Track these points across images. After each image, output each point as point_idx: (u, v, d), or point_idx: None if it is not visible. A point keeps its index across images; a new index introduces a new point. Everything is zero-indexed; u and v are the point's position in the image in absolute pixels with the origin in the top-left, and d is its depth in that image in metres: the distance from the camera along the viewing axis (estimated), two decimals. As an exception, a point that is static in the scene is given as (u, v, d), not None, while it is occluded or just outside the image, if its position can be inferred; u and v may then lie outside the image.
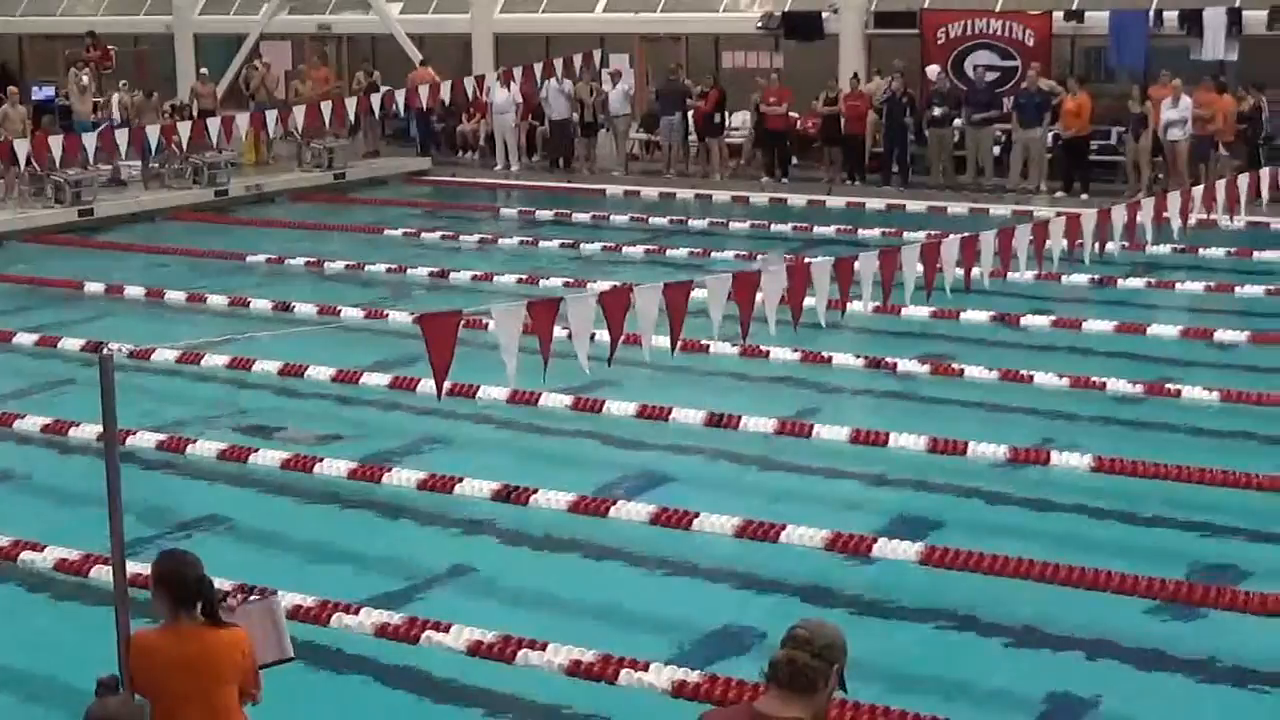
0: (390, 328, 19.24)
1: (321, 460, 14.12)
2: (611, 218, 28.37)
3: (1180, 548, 12.18)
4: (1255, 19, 29.30)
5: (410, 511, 13.30)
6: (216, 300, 21.33)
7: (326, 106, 30.28)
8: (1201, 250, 22.98)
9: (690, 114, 32.40)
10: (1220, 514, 12.73)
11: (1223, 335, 18.36)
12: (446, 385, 10.89)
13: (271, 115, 29.94)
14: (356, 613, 10.80)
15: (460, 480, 13.46)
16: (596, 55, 34.25)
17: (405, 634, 10.53)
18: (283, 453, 14.37)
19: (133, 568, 10.87)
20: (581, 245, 25.47)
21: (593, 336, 11.30)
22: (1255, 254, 23.35)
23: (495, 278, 22.23)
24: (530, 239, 26.43)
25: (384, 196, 31.84)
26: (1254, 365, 17.36)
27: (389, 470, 13.86)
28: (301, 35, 39.55)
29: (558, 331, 11.37)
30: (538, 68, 33.09)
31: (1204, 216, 18.34)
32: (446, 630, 10.46)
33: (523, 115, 34.03)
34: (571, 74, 33.28)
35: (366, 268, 23.63)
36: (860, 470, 14.10)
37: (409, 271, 23.20)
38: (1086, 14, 30.81)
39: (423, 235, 26.78)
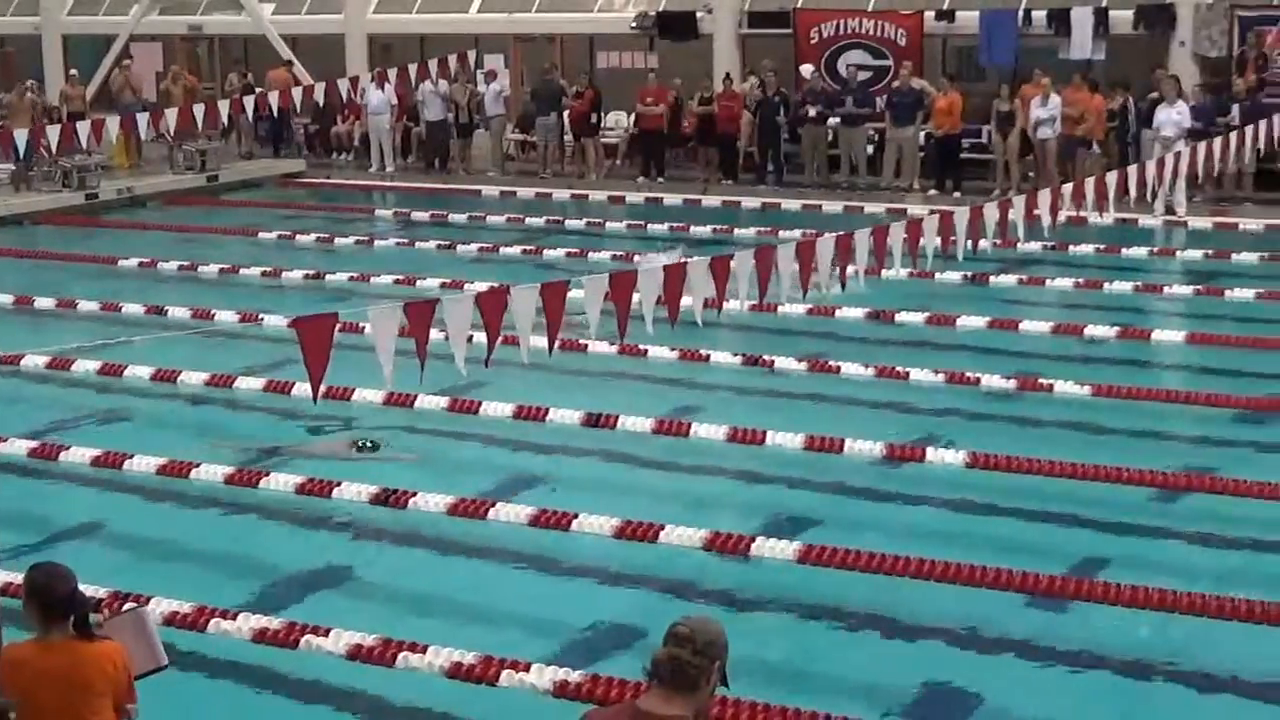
0: (265, 331, 19.10)
1: (198, 465, 13.99)
2: (488, 218, 28.31)
3: (1053, 542, 12.32)
4: (1122, 19, 29.74)
5: (288, 516, 13.20)
6: (87, 305, 21.07)
7: (199, 108, 30.02)
8: (1072, 247, 23.29)
9: (566, 114, 32.41)
10: (1092, 508, 12.89)
11: (1093, 331, 18.60)
12: (322, 388, 10.84)
13: (143, 117, 29.62)
14: (234, 618, 10.71)
15: (338, 484, 13.37)
16: (471, 56, 34.21)
17: (284, 639, 10.46)
18: (158, 458, 14.21)
19: (5, 576, 10.83)
20: (458, 246, 25.39)
21: (470, 338, 11.29)
22: (1124, 251, 23.69)
23: (371, 279, 22.11)
24: (406, 240, 26.33)
25: (258, 199, 31.57)
26: (1123, 360, 17.60)
27: (265, 475, 13.75)
28: (172, 36, 39.16)
29: (434, 333, 11.37)
30: (412, 69, 33.03)
31: (1074, 214, 18.59)
32: (326, 634, 10.40)
33: (398, 116, 33.87)
34: (446, 75, 33.20)
35: (241, 271, 23.44)
36: (738, 469, 14.15)
37: (284, 274, 23.03)
38: (957, 14, 31.13)
39: (298, 238, 26.60)
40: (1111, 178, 19.20)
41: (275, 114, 33.26)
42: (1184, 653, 10.33)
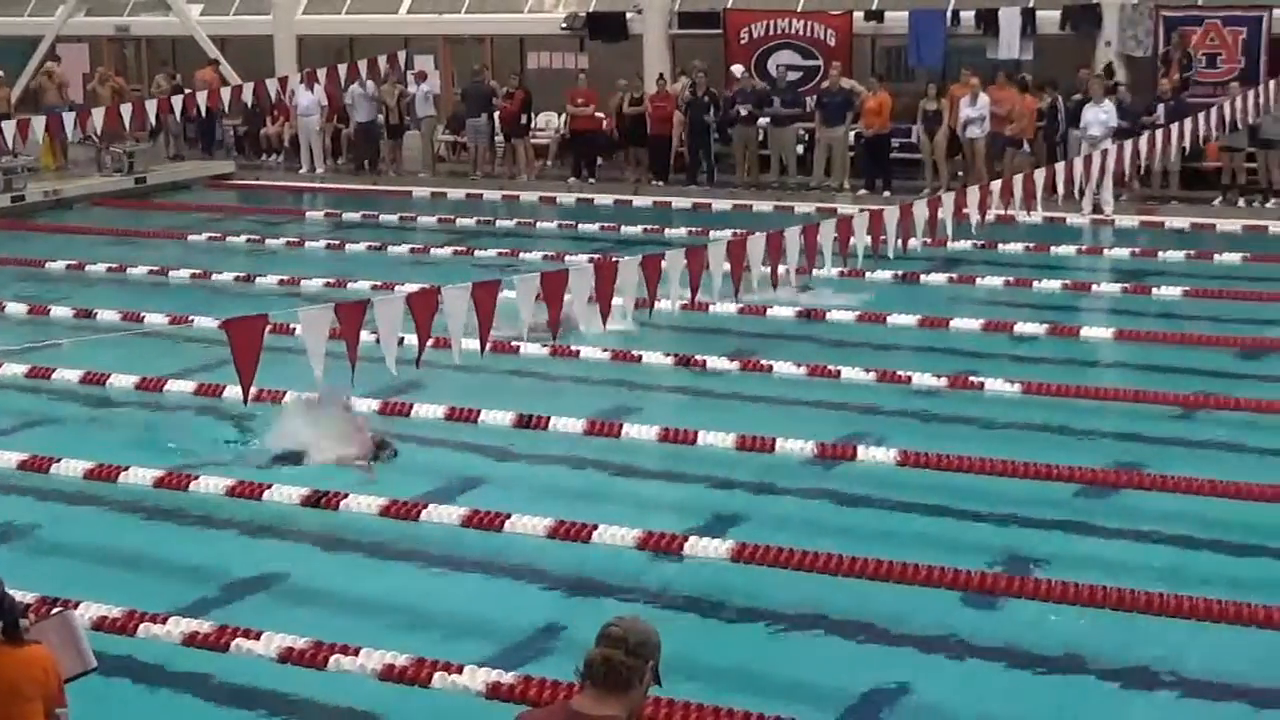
0: (195, 333, 18.98)
1: (126, 469, 13.89)
2: (419, 219, 28.26)
3: (984, 539, 12.39)
4: (1048, 19, 29.92)
5: (219, 519, 13.12)
6: (15, 308, 20.90)
7: (126, 110, 29.83)
8: (1001, 245, 23.42)
9: (496, 115, 32.36)
10: (1023, 505, 12.98)
11: (1022, 329, 18.70)
12: (253, 390, 10.80)
13: (69, 119, 29.41)
14: (164, 622, 10.64)
15: (269, 486, 13.31)
16: (401, 57, 34.11)
17: (215, 642, 10.40)
18: (85, 462, 14.11)
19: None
20: (389, 247, 25.32)
21: (401, 339, 11.26)
22: (1052, 249, 23.84)
23: (302, 281, 22.03)
24: (337, 242, 26.23)
25: (187, 201, 31.38)
26: (1053, 358, 17.71)
27: (196, 478, 13.67)
28: (99, 37, 38.88)
29: (365, 334, 11.34)
30: (342, 69, 32.91)
31: (1002, 212, 18.70)
32: (257, 638, 10.35)
33: (327, 117, 33.74)
34: (376, 76, 33.11)
35: (170, 273, 23.30)
36: (670, 468, 14.17)
37: (214, 276, 22.91)
38: (886, 14, 31.25)
39: (227, 240, 26.46)
40: (1039, 176, 19.32)
41: (204, 115, 33.08)
42: (1113, 648, 10.40)
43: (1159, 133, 22.92)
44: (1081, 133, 26.97)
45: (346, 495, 12.98)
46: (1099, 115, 26.86)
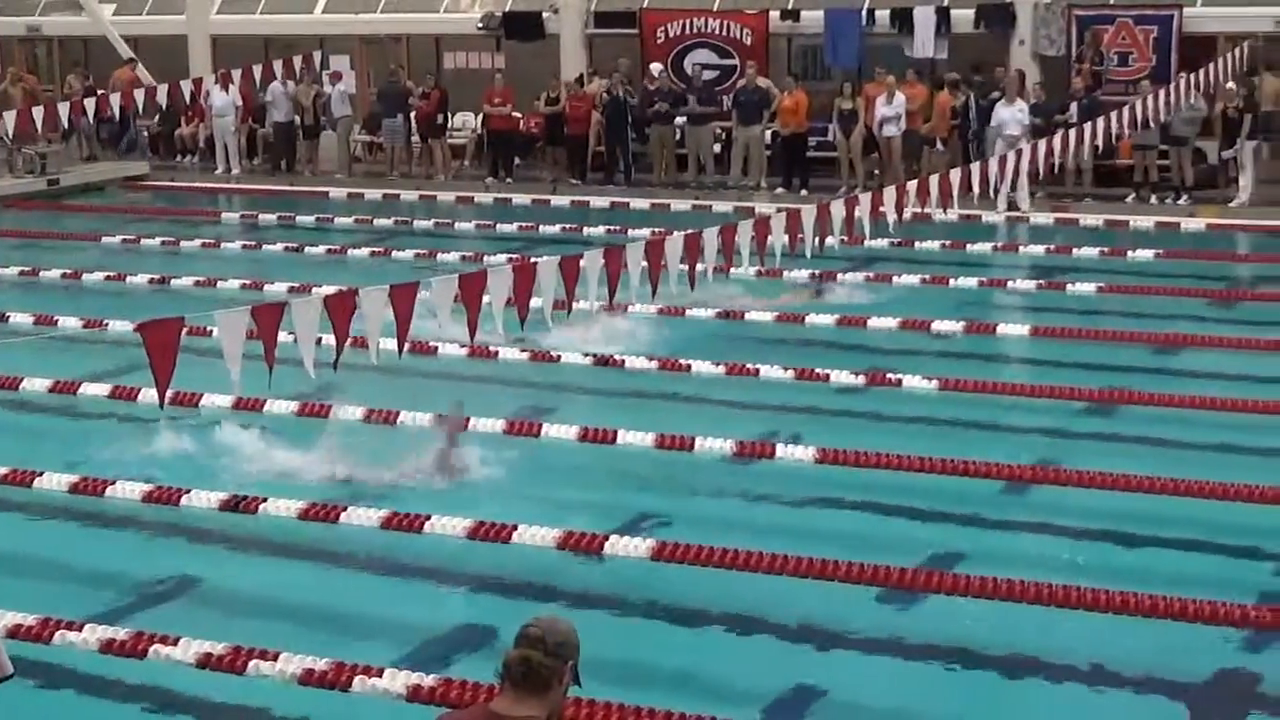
0: (110, 336, 18.82)
1: (41, 474, 13.75)
2: (335, 220, 28.15)
3: (903, 535, 12.45)
4: (963, 18, 30.14)
5: (135, 524, 13.02)
6: (-74, 312, 20.68)
7: (38, 111, 29.55)
8: (917, 243, 23.55)
9: (413, 115, 32.26)
10: (941, 501, 13.05)
11: (939, 326, 18.80)
12: (169, 393, 10.72)
13: (-21, 120, 29.13)
14: (80, 629, 10.54)
15: (187, 491, 13.20)
16: (316, 57, 33.96)
17: (132, 649, 10.30)
18: None
19: None
20: (306, 249, 25.20)
21: (319, 340, 11.21)
22: (968, 246, 24.00)
23: (218, 283, 21.88)
24: (253, 243, 26.09)
25: (101, 203, 31.12)
26: (970, 354, 17.82)
27: (112, 483, 13.54)
28: (10, 38, 38.48)
29: (283, 336, 11.28)
30: (257, 69, 32.72)
31: (919, 210, 18.80)
32: (175, 644, 10.26)
33: (242, 118, 33.53)
34: (291, 76, 32.94)
35: (84, 276, 23.09)
36: (590, 468, 14.16)
37: (128, 279, 22.71)
38: (802, 13, 31.39)
39: (142, 242, 26.25)
40: (955, 174, 19.43)
41: (118, 116, 32.82)
42: (1033, 643, 10.47)
43: (1072, 131, 23.10)
44: (996, 131, 27.16)
45: (265, 499, 12.89)
46: (1015, 114, 27.05)
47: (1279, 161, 28.29)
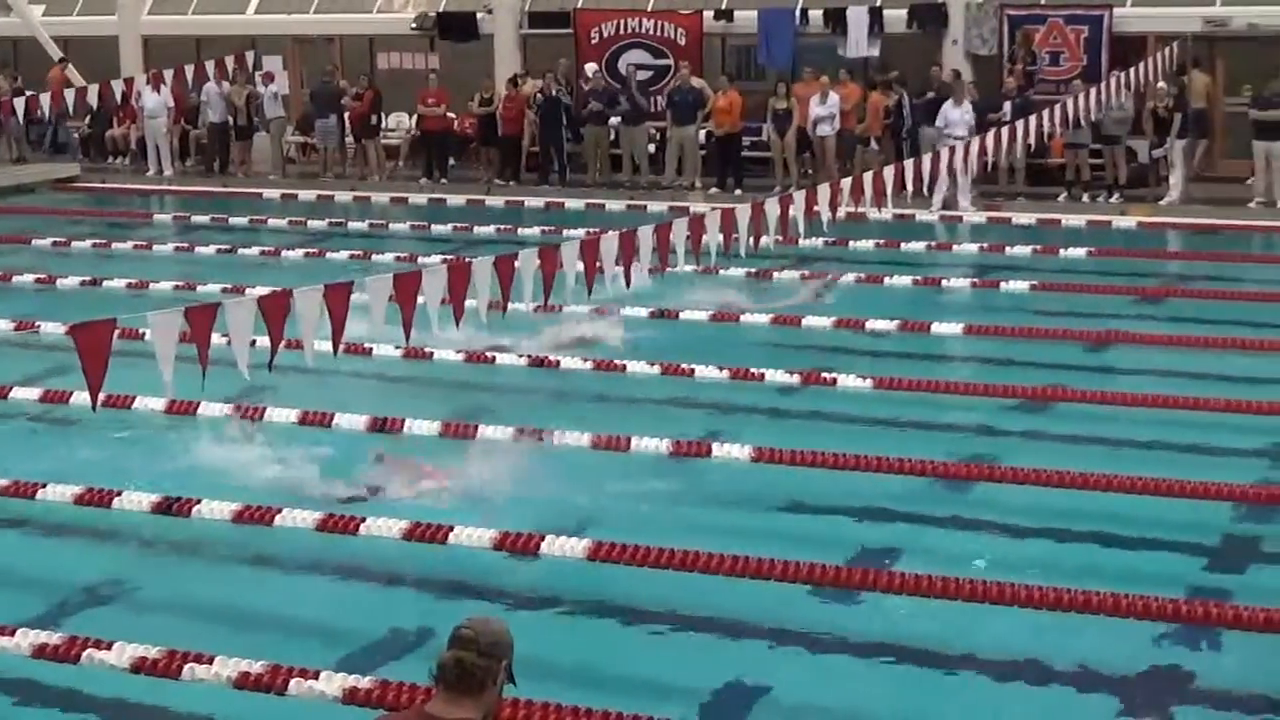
0: (41, 339, 18.69)
1: (-30, 479, 13.64)
2: (269, 221, 28.04)
3: (839, 533, 12.50)
4: (896, 18, 30.28)
5: (67, 528, 12.92)
6: None
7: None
8: (852, 242, 23.62)
9: (346, 116, 32.15)
10: (876, 499, 13.09)
11: (874, 325, 18.86)
12: (101, 396, 10.64)
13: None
14: (12, 634, 10.45)
15: (119, 494, 13.11)
16: (249, 57, 33.81)
17: (65, 654, 10.22)
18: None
19: None
20: (239, 250, 25.09)
21: (253, 342, 11.15)
22: (902, 245, 24.09)
23: (151, 285, 21.74)
24: (186, 245, 25.94)
25: (31, 204, 30.89)
26: (904, 353, 17.89)
27: (43, 486, 13.42)
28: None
29: (216, 338, 11.21)
30: (189, 70, 32.55)
31: (853, 210, 18.85)
32: (109, 648, 10.18)
33: (175, 119, 33.35)
34: (224, 76, 32.78)
35: (14, 279, 22.90)
36: (526, 468, 14.12)
37: (59, 281, 22.53)
38: (736, 13, 31.46)
39: (73, 244, 26.07)
40: (889, 173, 19.49)
41: (48, 117, 32.58)
42: (968, 639, 10.51)
43: (1005, 130, 23.22)
44: (938, 131, 27.25)
45: (199, 501, 12.81)
46: (963, 115, 27.12)
47: (1207, 159, 28.51)
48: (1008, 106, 27.52)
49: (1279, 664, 10.13)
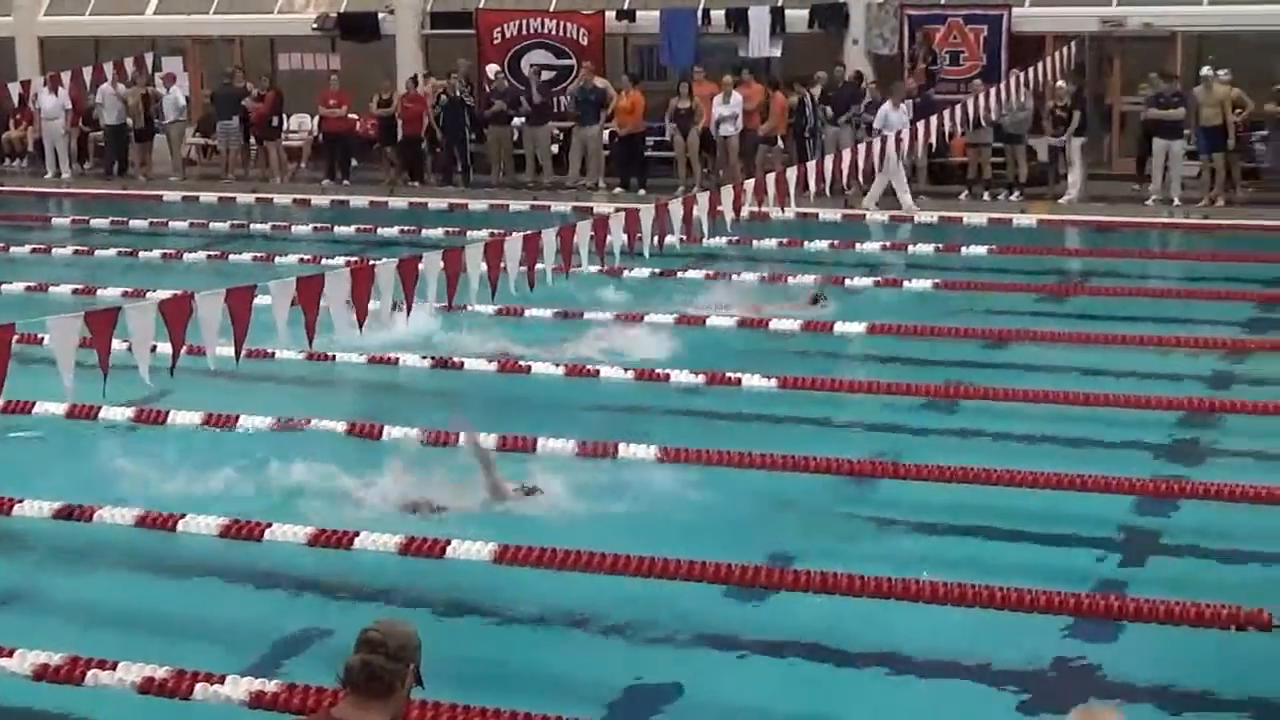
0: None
1: None
2: (170, 224, 27.82)
3: (745, 532, 12.52)
4: (797, 18, 30.43)
5: (-33, 535, 12.81)
6: None
7: None
8: (755, 242, 23.70)
9: (248, 117, 31.95)
10: (782, 497, 13.14)
11: (777, 324, 18.92)
12: (1, 401, 10.55)
13: None
14: (-88, 643, 10.35)
15: (19, 501, 12.97)
16: (149, 58, 33.53)
17: (-34, 662, 10.13)
18: None
19: None
20: (140, 253, 24.87)
21: (154, 347, 11.07)
22: (806, 244, 24.19)
23: (50, 289, 21.52)
24: (85, 248, 25.69)
25: (-75, 209, 30.54)
26: (807, 351, 17.96)
27: (-59, 493, 13.28)
28: None
29: (117, 343, 11.12)
30: (87, 71, 32.24)
31: (756, 209, 18.92)
32: (10, 655, 10.08)
33: (73, 121, 33.03)
34: (123, 78, 32.50)
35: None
36: (432, 470, 14.08)
37: (-45, 286, 22.29)
38: (638, 13, 31.51)
39: (-31, 248, 25.80)
40: (791, 173, 19.58)
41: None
42: (874, 636, 10.58)
43: (906, 130, 23.37)
44: (877, 132, 27.29)
45: (100, 508, 12.70)
46: (901, 117, 27.17)
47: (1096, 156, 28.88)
48: (908, 106, 27.71)
49: (1179, 655, 10.26)
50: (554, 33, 31.87)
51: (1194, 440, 14.83)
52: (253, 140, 32.34)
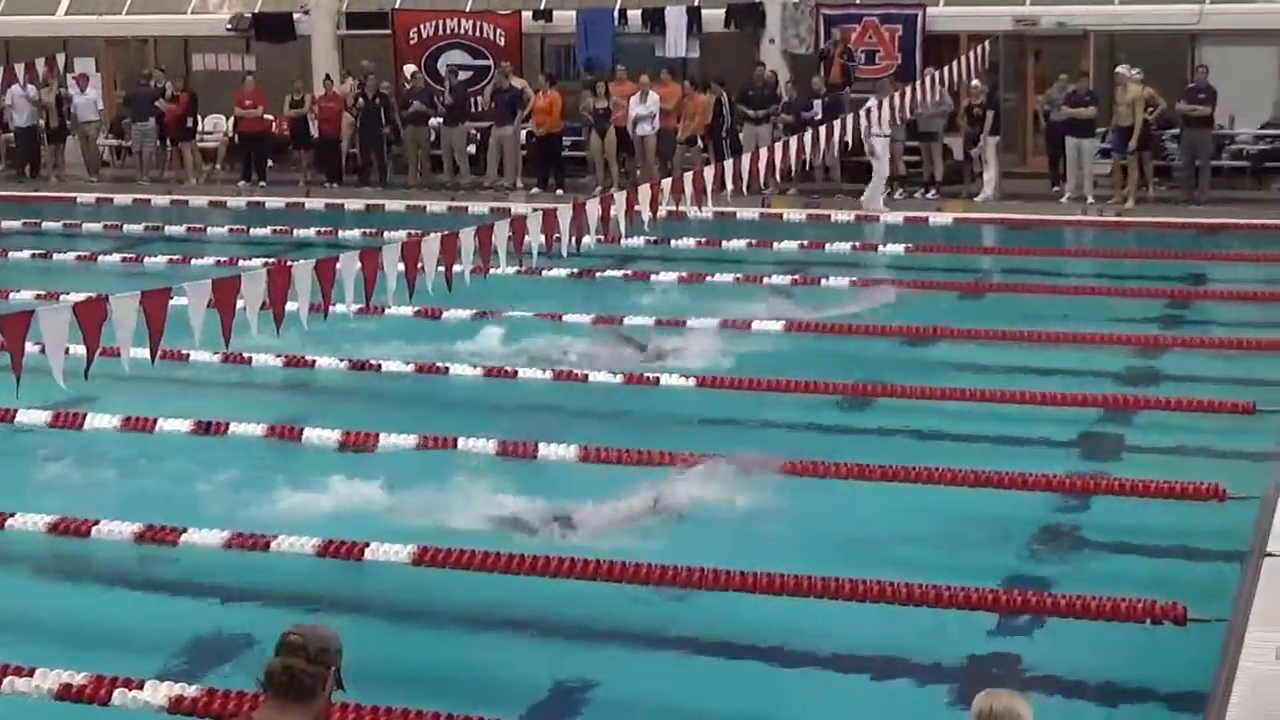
0: None
1: None
2: (84, 226, 27.60)
3: (663, 531, 12.53)
4: (714, 17, 30.50)
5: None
6: None
7: None
8: (674, 241, 23.72)
9: (162, 118, 31.72)
10: (701, 495, 13.12)
11: (696, 323, 18.94)
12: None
13: None
14: None
15: (-69, 507, 12.83)
16: (60, 59, 33.23)
17: (-121, 671, 10.01)
18: None
19: None
20: (53, 255, 24.66)
21: (67, 350, 10.97)
22: (724, 244, 24.23)
23: (-39, 293, 21.31)
24: (-2, 251, 25.47)
25: None
26: (727, 350, 17.98)
27: None
28: None
29: (30, 346, 11.01)
30: (-4, 73, 31.97)
31: (674, 209, 18.93)
32: (-76, 663, 9.99)
33: (-18, 123, 32.73)
34: (34, 79, 32.20)
35: None
36: (350, 473, 14.02)
37: None
38: (555, 13, 31.49)
39: (-121, 252, 25.48)
40: (709, 172, 19.60)
41: None
42: (798, 634, 10.64)
43: (822, 128, 23.43)
44: (866, 130, 27.34)
45: (12, 515, 12.54)
46: (887, 114, 27.17)
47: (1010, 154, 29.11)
48: (818, 105, 27.87)
49: (1098, 649, 10.35)
50: (471, 33, 31.82)
51: (1110, 436, 14.97)
52: (167, 141, 32.09)
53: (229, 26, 33.41)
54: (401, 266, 14.09)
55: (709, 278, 21.64)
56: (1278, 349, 17.11)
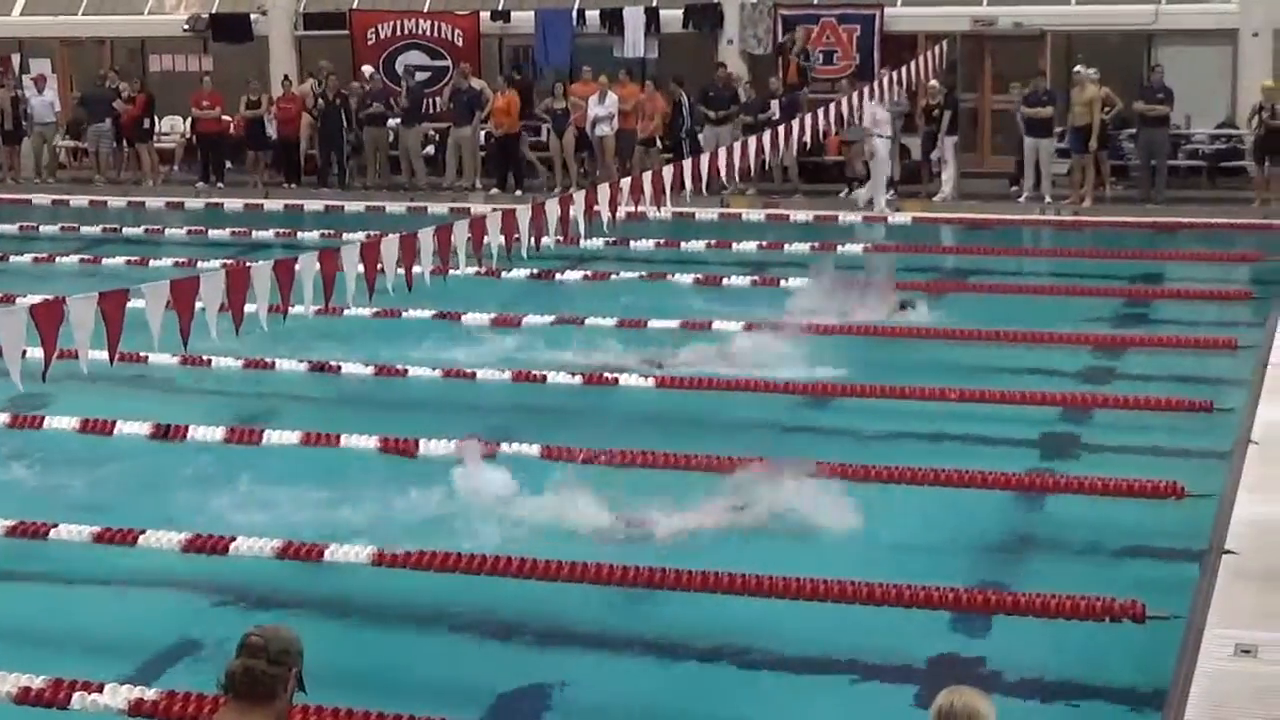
0: None
1: None
2: (40, 228, 27.47)
3: (625, 531, 12.53)
4: (672, 18, 30.53)
5: None
6: None
7: None
8: (633, 242, 23.72)
9: (119, 119, 31.58)
10: (663, 496, 13.12)
11: (656, 324, 18.94)
12: None
13: None
14: None
15: (-112, 509, 12.77)
16: (16, 60, 33.07)
17: None
18: None
19: None
20: (10, 258, 24.53)
21: (24, 352, 10.92)
22: (683, 244, 24.24)
23: (-83, 295, 21.18)
24: (-47, 253, 25.33)
25: None
26: (688, 351, 17.98)
27: None
28: None
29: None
30: (-47, 75, 31.79)
31: (633, 209, 18.93)
32: (-119, 668, 9.94)
33: (-62, 125, 32.51)
34: (-11, 80, 32.08)
35: None
36: (312, 474, 13.98)
37: None
38: (513, 14, 31.48)
39: None
40: (668, 172, 19.60)
41: None
42: (758, 635, 10.65)
43: (781, 129, 23.45)
44: (867, 130, 27.33)
45: (-30, 517, 12.51)
46: (884, 113, 27.16)
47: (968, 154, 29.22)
48: (775, 105, 27.92)
49: (1058, 647, 10.39)
50: (428, 34, 31.80)
51: (1069, 435, 15.03)
52: (124, 143, 31.96)
53: (186, 27, 33.32)
54: (361, 267, 14.06)
55: (669, 278, 21.62)
56: (1234, 347, 17.19)
